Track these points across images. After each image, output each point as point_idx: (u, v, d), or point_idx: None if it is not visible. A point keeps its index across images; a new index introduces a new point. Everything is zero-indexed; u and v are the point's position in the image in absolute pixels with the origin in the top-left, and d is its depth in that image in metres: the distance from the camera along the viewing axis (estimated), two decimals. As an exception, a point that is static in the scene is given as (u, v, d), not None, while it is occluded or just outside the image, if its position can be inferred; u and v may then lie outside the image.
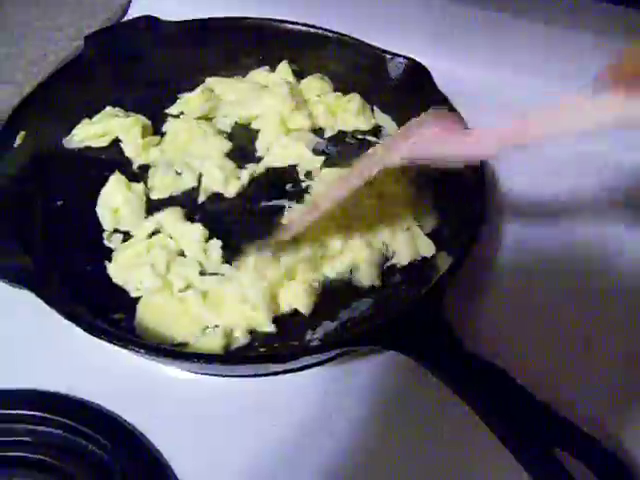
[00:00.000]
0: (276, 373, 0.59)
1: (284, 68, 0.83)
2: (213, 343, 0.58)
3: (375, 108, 0.82)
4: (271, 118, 0.77)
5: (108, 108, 0.77)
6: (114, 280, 0.63)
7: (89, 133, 0.74)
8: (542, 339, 0.64)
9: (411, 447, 0.57)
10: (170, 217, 0.67)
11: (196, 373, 0.60)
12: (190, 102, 0.80)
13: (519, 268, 0.70)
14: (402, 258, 0.66)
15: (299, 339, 0.60)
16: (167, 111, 0.80)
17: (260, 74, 0.84)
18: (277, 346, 0.60)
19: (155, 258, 0.64)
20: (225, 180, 0.72)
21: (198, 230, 0.66)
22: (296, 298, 0.62)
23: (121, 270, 0.64)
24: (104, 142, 0.75)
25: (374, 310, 0.63)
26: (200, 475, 0.54)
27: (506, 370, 0.52)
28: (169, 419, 0.57)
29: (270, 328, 0.60)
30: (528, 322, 0.65)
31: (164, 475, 0.54)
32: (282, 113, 0.77)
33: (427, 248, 0.67)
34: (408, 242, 0.67)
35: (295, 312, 0.62)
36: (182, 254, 0.66)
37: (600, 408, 0.58)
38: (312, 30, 0.81)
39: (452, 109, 0.71)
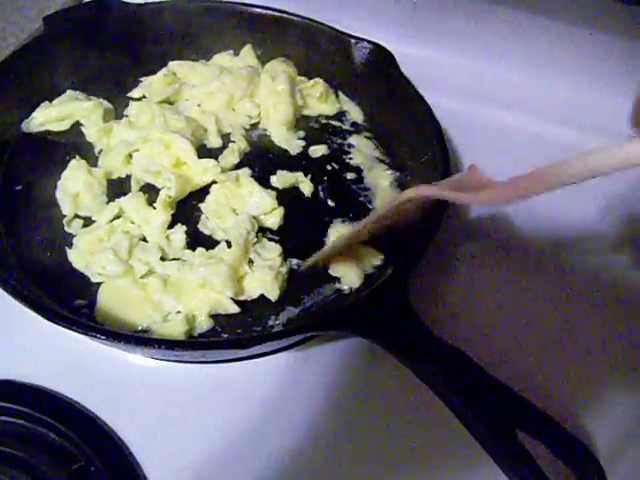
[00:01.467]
0: (240, 359, 0.59)
1: (248, 52, 0.82)
2: (175, 329, 0.58)
3: (340, 93, 0.81)
4: (219, 100, 0.77)
5: (69, 92, 0.75)
6: (74, 265, 0.62)
7: (49, 116, 0.73)
8: (504, 322, 0.65)
9: (375, 430, 0.57)
10: (132, 202, 0.66)
11: (159, 360, 0.59)
12: (152, 85, 0.79)
13: (481, 251, 0.70)
14: (351, 282, 0.64)
15: (262, 324, 0.60)
16: (129, 94, 0.79)
17: (224, 58, 0.83)
18: (240, 332, 0.59)
19: (117, 243, 0.63)
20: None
21: (161, 216, 0.65)
22: (263, 284, 0.61)
23: (82, 255, 0.62)
24: (64, 126, 0.73)
25: (337, 295, 0.63)
26: (162, 460, 0.54)
27: (468, 353, 0.52)
28: (131, 406, 0.57)
29: (234, 309, 0.60)
30: (490, 304, 0.66)
31: (127, 461, 0.54)
32: (230, 97, 0.77)
33: (373, 258, 0.66)
34: (351, 264, 0.64)
35: (259, 298, 0.62)
36: (144, 239, 0.65)
37: (559, 389, 0.60)
38: (276, 14, 0.81)
39: (417, 93, 0.71)
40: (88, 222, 0.66)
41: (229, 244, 0.63)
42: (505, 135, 0.81)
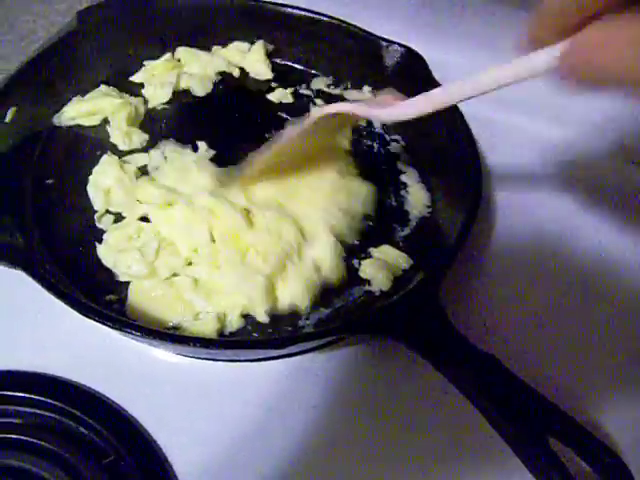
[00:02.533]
0: (268, 358, 0.60)
1: (258, 49, 0.83)
2: (207, 327, 0.58)
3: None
4: None
5: (102, 86, 0.75)
6: (103, 262, 0.62)
7: (79, 111, 0.73)
8: (536, 326, 0.65)
9: (399, 434, 0.57)
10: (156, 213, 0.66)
11: (186, 356, 0.60)
12: (155, 69, 0.80)
13: (512, 255, 0.70)
14: (380, 284, 0.64)
15: (293, 325, 0.60)
16: (131, 78, 0.79)
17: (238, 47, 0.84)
18: (270, 331, 0.60)
19: (145, 243, 0.63)
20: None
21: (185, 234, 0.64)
22: (295, 295, 0.61)
23: (110, 252, 0.63)
24: (95, 121, 0.73)
25: (367, 297, 0.63)
26: (189, 454, 0.54)
27: (499, 358, 0.53)
28: (159, 401, 0.57)
29: (264, 319, 0.60)
30: (522, 309, 0.67)
31: (155, 456, 0.54)
32: None
33: (403, 262, 0.66)
34: (380, 267, 0.64)
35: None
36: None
37: (591, 397, 0.60)
38: (306, 14, 0.80)
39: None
40: (119, 218, 0.66)
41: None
42: (534, 141, 0.80)
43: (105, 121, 0.73)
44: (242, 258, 0.62)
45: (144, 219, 0.65)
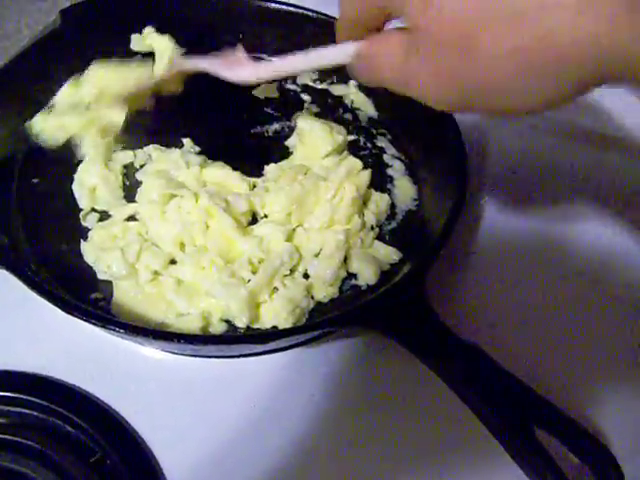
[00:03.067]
0: (253, 354, 0.59)
1: None
2: (191, 325, 0.58)
3: (356, 89, 0.81)
4: None
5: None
6: (85, 259, 0.62)
7: (46, 126, 0.66)
8: (521, 318, 0.65)
9: (387, 426, 0.57)
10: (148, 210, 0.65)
11: (173, 353, 0.60)
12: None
13: (500, 248, 0.70)
14: (367, 279, 0.63)
15: (278, 320, 0.60)
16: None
17: None
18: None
19: (127, 244, 0.62)
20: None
21: (174, 230, 0.63)
22: (278, 317, 0.59)
23: (93, 250, 0.62)
24: (60, 140, 0.66)
25: (354, 292, 0.63)
26: (177, 451, 0.54)
27: (485, 349, 0.53)
28: (145, 398, 0.57)
29: (243, 325, 0.59)
30: (508, 301, 0.66)
31: (142, 453, 0.54)
32: None
33: (391, 255, 0.66)
34: (369, 261, 0.64)
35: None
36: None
37: (576, 386, 0.60)
38: (291, 9, 0.80)
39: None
40: (104, 216, 0.66)
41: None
42: (523, 134, 0.81)
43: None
44: (229, 264, 0.61)
45: (131, 218, 0.65)
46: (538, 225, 0.73)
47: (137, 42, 0.76)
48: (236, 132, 0.75)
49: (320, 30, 0.77)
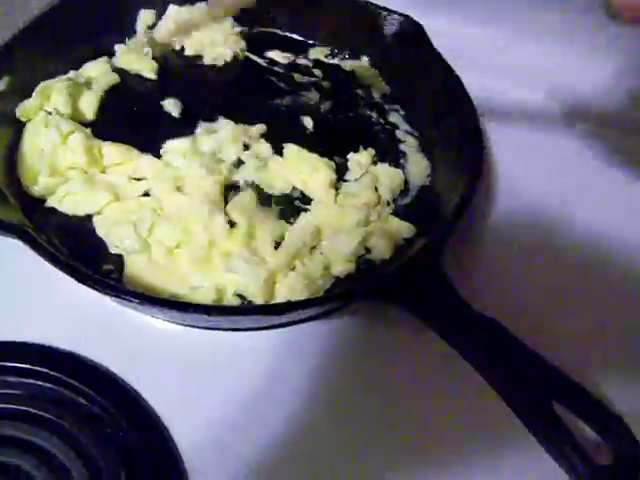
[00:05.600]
0: (268, 327, 0.59)
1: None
2: (204, 297, 0.57)
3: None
4: None
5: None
6: (97, 231, 0.62)
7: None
8: (539, 292, 0.65)
9: (407, 401, 0.57)
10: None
11: (187, 325, 0.59)
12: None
13: (514, 222, 0.70)
14: (382, 253, 0.63)
15: (293, 292, 0.59)
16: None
17: None
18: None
19: (140, 219, 0.61)
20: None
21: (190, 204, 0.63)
22: (293, 293, 0.58)
23: (105, 223, 0.62)
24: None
25: (368, 266, 0.62)
26: (189, 423, 0.54)
27: (502, 323, 0.52)
28: (158, 371, 0.57)
29: (258, 301, 0.58)
30: (525, 275, 0.66)
31: (155, 425, 0.53)
32: None
33: (405, 230, 0.65)
34: (384, 236, 0.64)
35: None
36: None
37: (595, 361, 0.60)
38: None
39: (447, 66, 0.70)
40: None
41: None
42: (537, 111, 0.81)
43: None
44: (250, 241, 0.61)
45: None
46: (554, 197, 0.73)
47: None
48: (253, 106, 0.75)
49: (338, 7, 0.79)
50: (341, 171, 0.69)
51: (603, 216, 0.71)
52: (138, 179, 0.66)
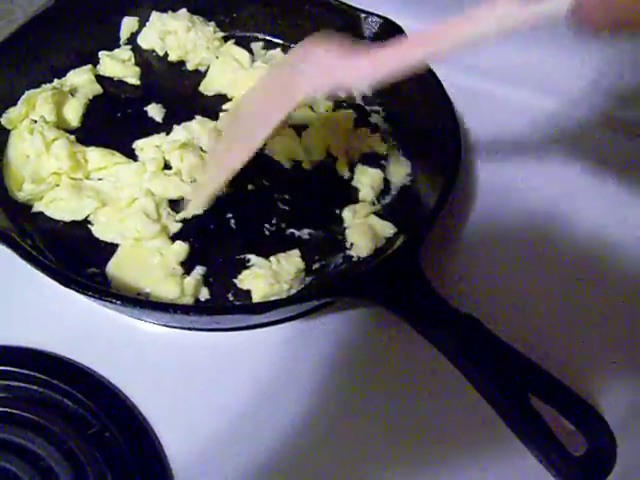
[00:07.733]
0: (250, 327, 0.60)
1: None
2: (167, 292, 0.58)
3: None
4: None
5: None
6: (100, 237, 0.63)
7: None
8: (514, 288, 0.66)
9: (385, 396, 0.58)
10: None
11: (171, 327, 0.60)
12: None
13: (494, 222, 0.71)
14: (362, 251, 0.64)
15: (273, 291, 0.60)
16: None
17: None
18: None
19: (144, 206, 0.63)
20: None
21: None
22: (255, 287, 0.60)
23: (106, 227, 0.63)
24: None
25: (348, 263, 0.63)
26: (174, 424, 0.55)
27: (479, 318, 0.53)
28: (143, 372, 0.57)
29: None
30: (500, 271, 0.67)
31: (140, 426, 0.54)
32: None
33: (386, 229, 0.66)
34: (365, 233, 0.65)
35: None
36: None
37: (570, 355, 0.61)
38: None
39: (427, 68, 0.71)
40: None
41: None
42: (518, 111, 0.81)
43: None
44: None
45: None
46: (533, 198, 0.73)
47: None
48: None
49: (318, 10, 0.79)
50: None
51: (584, 216, 0.72)
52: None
